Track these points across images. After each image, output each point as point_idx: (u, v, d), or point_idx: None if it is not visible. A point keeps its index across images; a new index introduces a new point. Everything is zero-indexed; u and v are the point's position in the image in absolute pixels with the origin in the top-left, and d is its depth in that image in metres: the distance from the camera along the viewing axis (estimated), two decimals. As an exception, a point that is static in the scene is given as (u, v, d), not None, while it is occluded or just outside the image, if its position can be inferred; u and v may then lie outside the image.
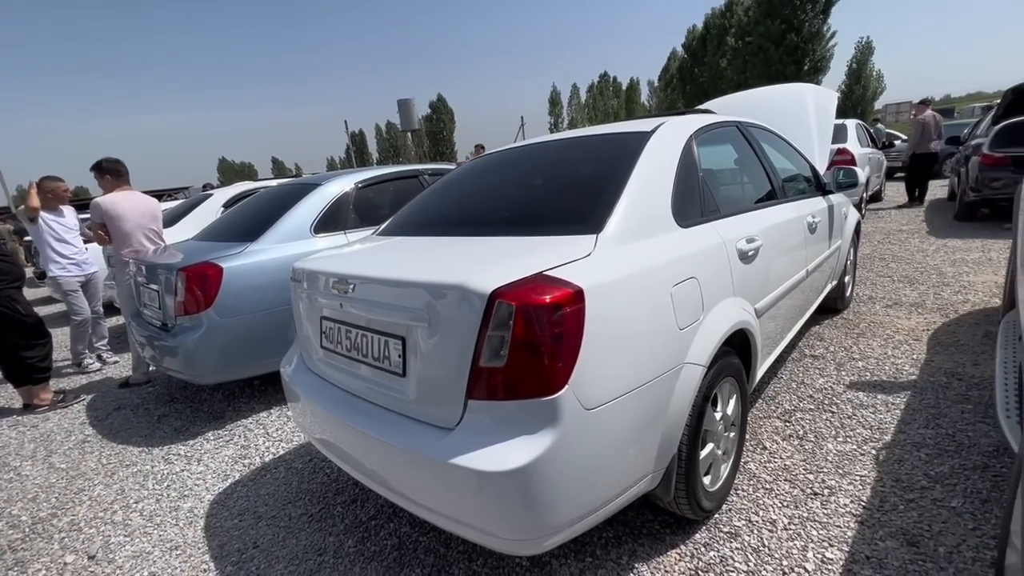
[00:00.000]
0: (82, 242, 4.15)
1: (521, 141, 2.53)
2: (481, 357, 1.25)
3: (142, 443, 2.86)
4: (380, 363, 1.50)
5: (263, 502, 2.19)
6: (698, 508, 1.67)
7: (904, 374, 2.70)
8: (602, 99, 55.58)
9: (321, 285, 1.73)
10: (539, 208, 1.85)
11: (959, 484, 1.83)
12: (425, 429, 1.36)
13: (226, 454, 2.64)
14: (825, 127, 3.72)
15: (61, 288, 4.00)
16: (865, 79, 32.15)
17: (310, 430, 1.86)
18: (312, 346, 1.85)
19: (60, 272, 3.97)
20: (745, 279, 1.86)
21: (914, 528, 1.65)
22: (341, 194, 3.49)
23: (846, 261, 3.53)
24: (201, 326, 2.80)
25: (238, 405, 3.22)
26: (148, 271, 3.14)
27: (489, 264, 1.37)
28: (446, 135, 52.94)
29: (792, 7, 20.10)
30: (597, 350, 1.26)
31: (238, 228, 3.40)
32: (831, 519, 1.72)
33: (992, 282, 4.04)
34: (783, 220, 2.30)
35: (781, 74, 20.74)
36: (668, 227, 1.62)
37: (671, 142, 1.86)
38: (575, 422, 1.22)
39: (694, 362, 1.53)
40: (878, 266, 4.91)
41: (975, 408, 2.30)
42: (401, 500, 1.46)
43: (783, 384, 2.73)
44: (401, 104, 31.40)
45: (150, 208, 3.63)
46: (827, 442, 2.17)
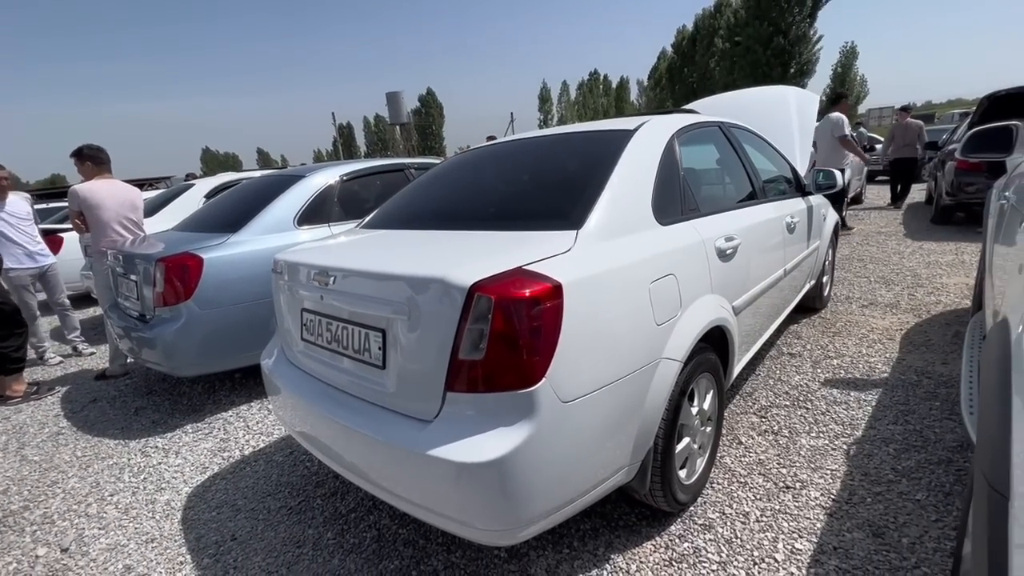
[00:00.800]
0: (37, 232, 3.98)
1: (509, 136, 2.53)
2: (460, 350, 1.26)
3: (118, 436, 2.82)
4: (360, 355, 1.50)
5: (242, 495, 2.18)
6: (673, 501, 1.70)
7: (877, 372, 2.77)
8: (592, 97, 55.73)
9: (302, 277, 1.72)
10: (522, 203, 1.87)
11: (924, 478, 1.89)
12: (404, 421, 1.37)
13: (205, 447, 2.62)
14: (806, 129, 3.79)
15: (11, 282, 3.79)
16: (849, 83, 32.73)
17: (290, 423, 1.86)
18: (292, 339, 1.84)
19: (11, 264, 3.76)
20: (723, 277, 1.90)
21: (880, 520, 1.70)
22: (326, 186, 3.46)
23: (824, 261, 3.61)
24: (180, 317, 2.76)
25: (218, 398, 3.19)
26: (126, 261, 3.08)
27: (470, 258, 1.38)
28: (435, 129, 52.63)
29: (780, 10, 20.34)
30: (575, 344, 1.28)
31: (220, 219, 3.35)
32: (802, 511, 1.77)
33: (964, 284, 4.16)
34: (762, 220, 2.35)
35: (768, 76, 20.98)
36: (648, 224, 1.65)
37: (653, 141, 1.88)
38: (552, 414, 1.24)
39: (671, 357, 1.55)
40: (856, 267, 5.02)
41: (942, 405, 2.37)
42: (380, 492, 1.46)
43: (761, 381, 2.79)
44: (390, 97, 31.11)
45: (130, 197, 3.56)
46: (801, 437, 2.22)
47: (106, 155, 3.59)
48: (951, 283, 4.22)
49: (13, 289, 3.79)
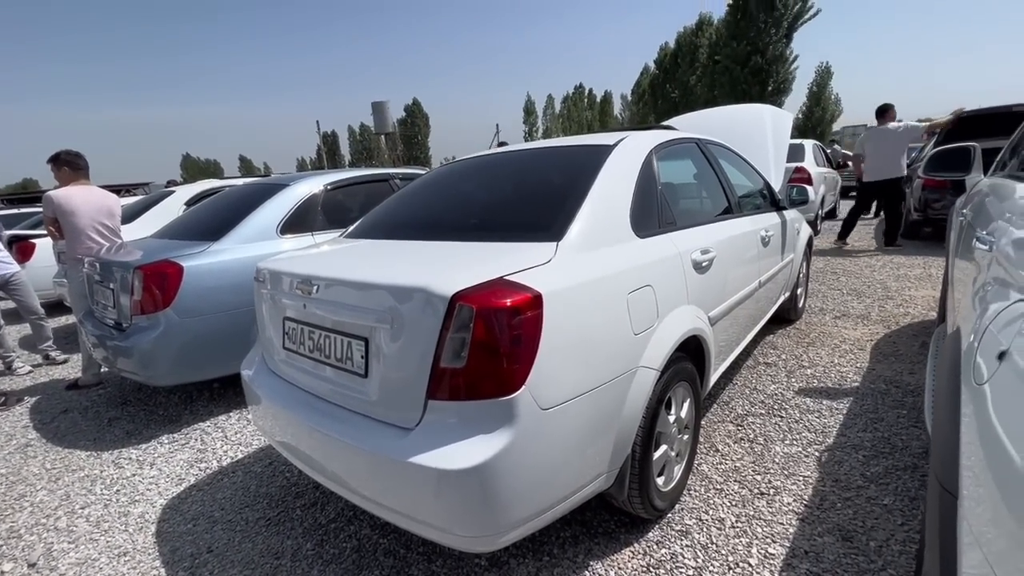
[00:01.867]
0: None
1: (494, 148, 2.58)
2: (442, 358, 1.28)
3: (91, 447, 2.75)
4: (342, 364, 1.51)
5: (219, 506, 2.15)
6: (651, 507, 1.73)
7: (848, 381, 2.86)
8: (576, 110, 56.48)
9: (285, 286, 1.73)
10: (504, 215, 1.91)
11: (891, 483, 1.96)
12: (386, 429, 1.38)
13: (181, 458, 2.57)
14: (781, 146, 3.93)
15: None
16: (824, 102, 33.83)
17: (271, 432, 1.85)
18: (274, 347, 1.84)
19: None
20: (699, 288, 1.96)
21: (849, 524, 1.76)
22: (309, 195, 3.46)
23: (798, 274, 3.72)
24: (158, 326, 2.73)
25: (195, 408, 3.14)
26: (103, 268, 3.03)
27: (452, 268, 1.41)
28: (421, 139, 52.71)
29: (757, 30, 21.01)
30: (554, 353, 1.31)
31: (201, 227, 3.32)
32: (775, 517, 1.82)
33: (930, 296, 4.32)
34: (738, 233, 2.42)
35: (747, 93, 21.59)
36: (626, 237, 1.70)
37: (632, 156, 1.94)
38: (531, 422, 1.27)
39: (648, 366, 1.60)
40: (829, 279, 5.18)
41: (909, 413, 2.46)
42: (361, 501, 1.47)
43: (737, 390, 2.85)
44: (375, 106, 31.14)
45: (107, 204, 3.50)
46: (775, 445, 2.28)
47: (84, 161, 3.54)
48: (919, 295, 4.39)
49: None
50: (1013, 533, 0.62)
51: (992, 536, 0.68)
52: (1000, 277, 1.08)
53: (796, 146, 7.60)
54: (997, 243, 1.23)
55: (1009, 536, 0.63)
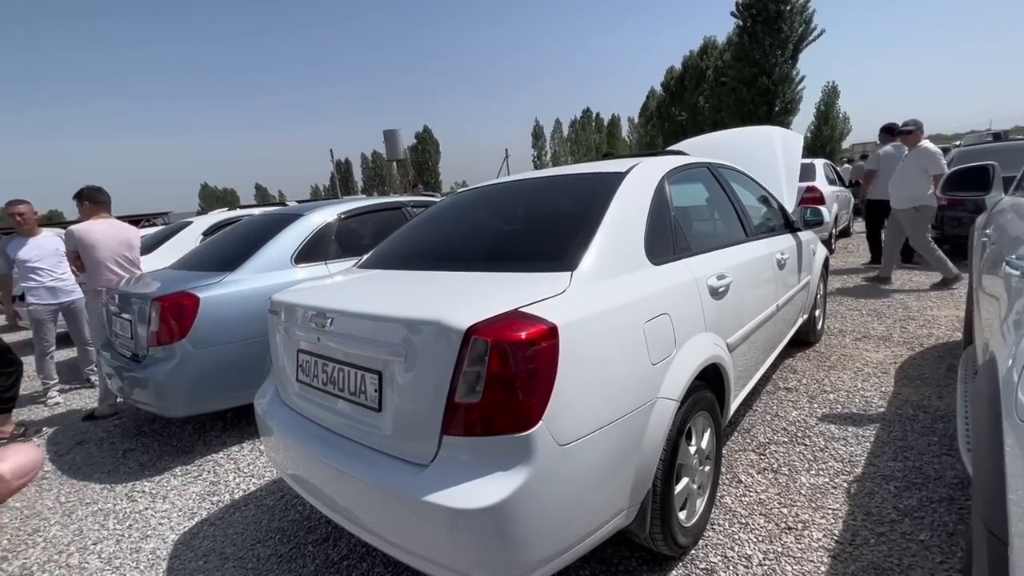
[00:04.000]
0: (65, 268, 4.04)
1: (505, 174, 2.60)
2: (456, 393, 1.26)
3: (104, 479, 2.75)
4: (356, 398, 1.50)
5: (231, 542, 2.11)
6: (674, 544, 1.67)
7: (873, 407, 2.77)
8: (585, 134, 57.24)
9: (299, 318, 1.73)
10: (517, 244, 1.90)
11: (927, 517, 1.86)
12: (399, 465, 1.35)
13: (194, 491, 2.55)
14: (792, 167, 3.91)
15: (30, 315, 3.94)
16: (832, 120, 33.83)
17: (283, 466, 1.82)
18: (288, 379, 1.83)
19: (32, 299, 3.91)
20: (716, 315, 1.92)
21: (884, 562, 1.67)
22: (323, 224, 3.51)
23: (816, 295, 3.65)
24: (174, 357, 2.74)
25: (209, 439, 3.13)
26: (121, 300, 3.08)
27: (466, 300, 1.40)
28: (431, 165, 53.65)
29: (763, 52, 21.23)
30: (571, 386, 1.28)
31: (217, 257, 3.37)
32: (804, 554, 1.74)
33: (954, 316, 4.20)
34: (753, 257, 2.39)
35: (754, 114, 21.69)
36: (641, 264, 1.68)
37: (644, 183, 1.94)
38: (549, 458, 1.23)
39: (667, 397, 1.56)
40: (848, 300, 5.08)
41: (940, 440, 2.36)
42: (373, 539, 1.43)
43: (758, 417, 2.77)
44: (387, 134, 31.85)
45: (127, 236, 3.59)
46: (800, 475, 2.20)
47: (105, 195, 3.64)
48: (942, 315, 4.27)
49: (32, 322, 3.96)
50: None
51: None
52: (1035, 304, 1.04)
53: (807, 165, 7.58)
54: (1029, 268, 1.19)
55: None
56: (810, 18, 20.94)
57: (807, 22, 21.00)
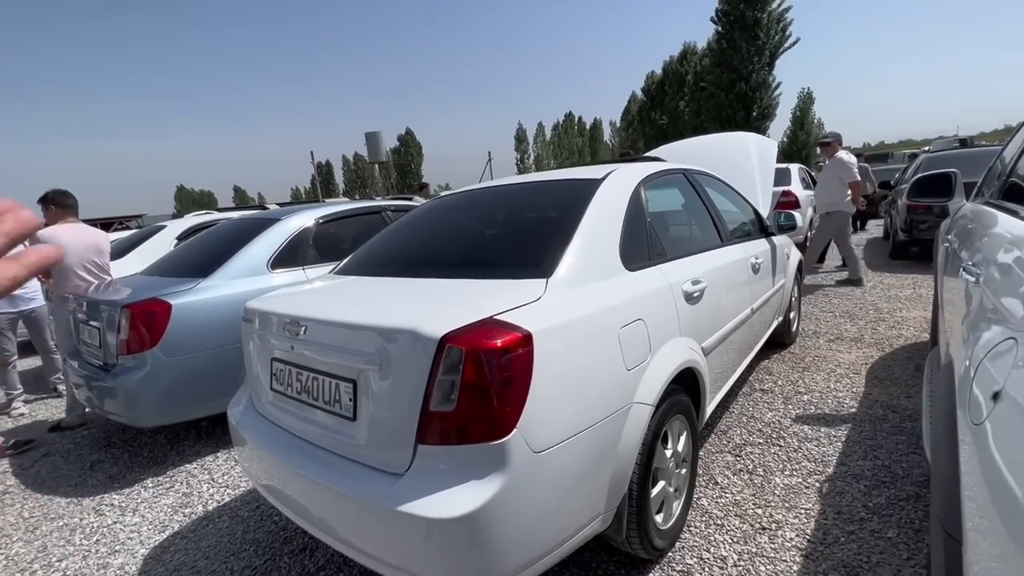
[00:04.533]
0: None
1: (488, 176, 2.60)
2: (431, 401, 1.25)
3: (71, 493, 2.66)
4: (330, 407, 1.48)
5: (203, 555, 2.06)
6: (651, 547, 1.68)
7: (845, 407, 2.84)
8: (567, 137, 57.59)
9: (273, 326, 1.70)
10: (493, 251, 1.90)
11: (895, 515, 1.92)
12: (374, 475, 1.34)
13: (165, 503, 2.48)
14: (767, 173, 3.99)
15: None
16: (808, 126, 34.69)
17: (256, 476, 1.79)
18: (262, 388, 1.80)
19: None
20: (691, 319, 1.95)
21: (854, 560, 1.71)
22: (301, 229, 3.46)
23: (790, 298, 3.73)
24: (145, 365, 2.67)
25: (182, 449, 3.05)
26: (90, 307, 2.99)
27: (441, 308, 1.39)
28: (414, 168, 53.36)
29: (740, 58, 21.67)
30: (546, 393, 1.29)
31: (191, 263, 3.30)
32: (778, 554, 1.77)
33: (922, 318, 4.34)
34: (728, 262, 2.43)
35: (732, 119, 22.10)
36: (616, 271, 1.70)
37: (620, 189, 1.96)
38: (524, 465, 1.23)
39: (643, 401, 1.57)
40: (821, 302, 5.20)
41: (908, 439, 2.43)
42: (349, 549, 1.41)
43: (734, 418, 2.82)
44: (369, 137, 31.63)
45: (95, 241, 3.48)
46: (775, 476, 2.24)
47: (72, 199, 3.53)
48: (911, 317, 4.41)
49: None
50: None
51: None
52: (988, 310, 1.08)
53: (782, 170, 7.75)
54: (984, 275, 1.23)
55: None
56: (787, 26, 21.44)
57: (784, 30, 21.50)
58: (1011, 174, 1.95)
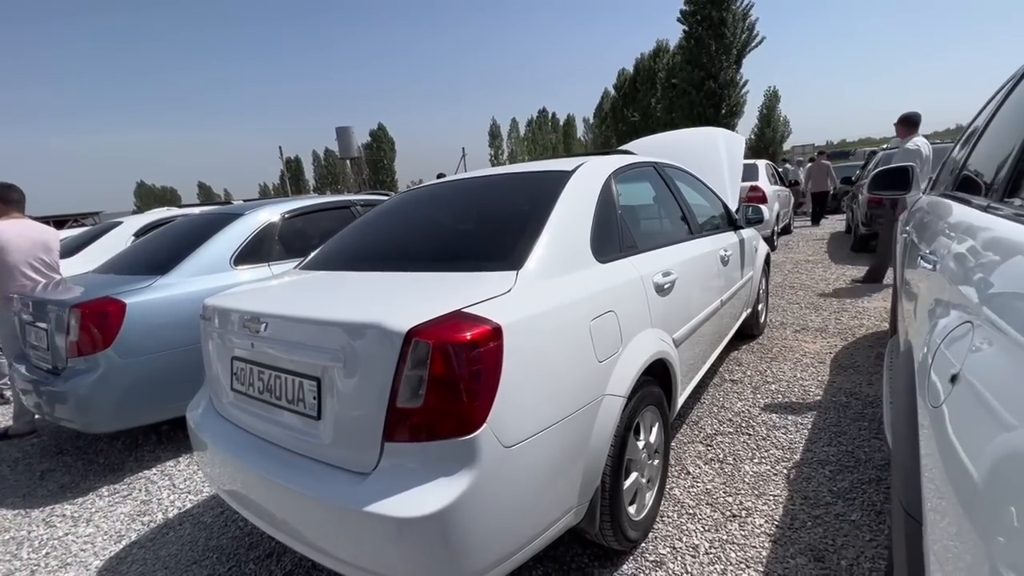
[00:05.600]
0: None
1: (462, 172, 2.56)
2: (398, 397, 1.21)
3: (19, 504, 2.51)
4: (294, 406, 1.42)
5: (163, 564, 1.97)
6: (624, 538, 1.68)
7: (811, 395, 2.92)
8: (541, 133, 57.67)
9: (232, 323, 1.63)
10: (462, 244, 1.87)
11: (858, 498, 1.97)
12: (340, 475, 1.29)
13: (122, 511, 2.37)
14: (735, 167, 4.07)
15: None
16: (774, 123, 35.65)
17: (218, 480, 1.71)
18: (222, 388, 1.72)
19: None
20: (662, 311, 1.96)
21: (820, 543, 1.75)
22: (266, 224, 3.34)
23: (758, 290, 3.82)
24: (97, 368, 2.53)
25: (140, 455, 2.92)
26: (36, 307, 2.82)
27: (407, 302, 1.35)
28: (387, 164, 52.56)
29: (708, 56, 22.09)
30: (516, 387, 1.26)
31: (148, 260, 3.15)
32: (748, 540, 1.80)
33: (882, 308, 4.50)
34: (697, 254, 2.46)
35: (703, 116, 22.53)
36: (587, 263, 1.69)
37: (591, 181, 1.95)
38: (494, 461, 1.21)
39: (614, 393, 1.57)
40: (788, 293, 5.35)
41: (870, 425, 2.51)
42: (316, 553, 1.36)
43: (705, 409, 2.86)
44: (340, 132, 30.99)
45: (43, 238, 3.29)
46: (744, 464, 2.28)
47: (18, 193, 3.33)
48: (871, 307, 4.57)
49: None
50: (976, 559, 0.61)
51: (957, 562, 0.66)
52: (945, 297, 1.11)
53: (750, 166, 7.93)
54: (940, 262, 1.27)
55: (972, 563, 0.62)
56: (752, 25, 21.93)
57: (750, 29, 21.99)
58: (963, 168, 2.03)
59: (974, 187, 1.72)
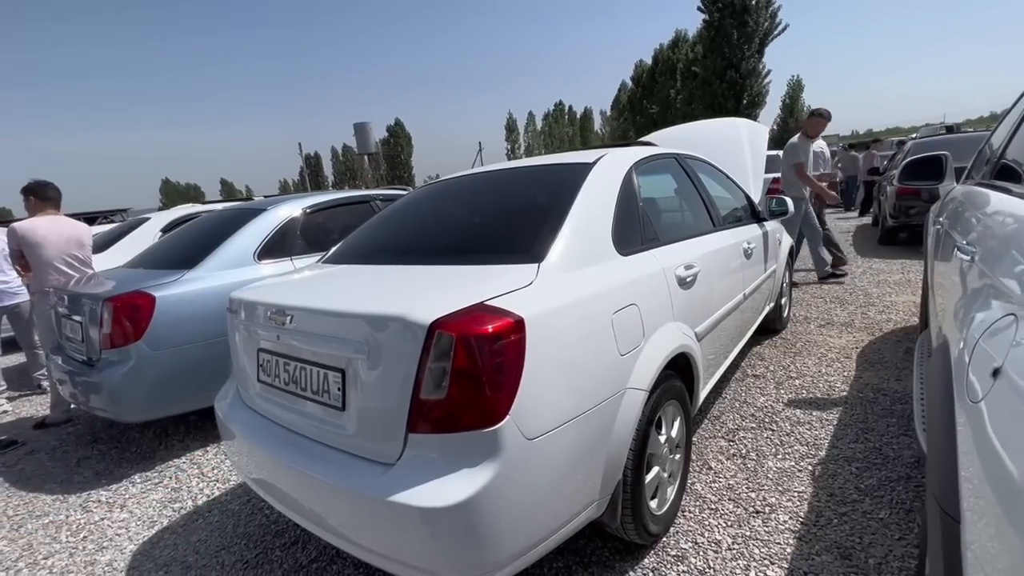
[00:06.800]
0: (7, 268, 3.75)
1: (478, 166, 2.56)
2: (422, 389, 1.22)
3: (57, 490, 2.61)
4: (319, 397, 1.45)
5: (193, 550, 2.03)
6: (645, 532, 1.68)
7: (836, 391, 2.85)
8: (558, 127, 57.31)
9: (258, 316, 1.66)
10: (483, 237, 1.87)
11: (886, 496, 1.93)
12: (364, 465, 1.31)
13: (154, 498, 2.45)
14: (758, 158, 3.98)
15: None
16: (797, 113, 34.77)
17: (245, 469, 1.76)
18: (248, 380, 1.76)
19: None
20: (684, 304, 1.93)
21: (847, 541, 1.72)
22: (288, 219, 3.40)
23: (782, 284, 3.74)
24: (129, 360, 2.62)
25: (171, 443, 3.01)
26: (71, 301, 2.92)
27: (430, 294, 1.36)
28: (403, 159, 52.88)
29: (731, 46, 21.64)
30: (538, 379, 1.26)
31: (175, 255, 3.23)
32: (771, 536, 1.78)
33: (911, 302, 4.37)
34: (720, 247, 2.42)
35: (723, 107, 22.13)
36: (608, 255, 1.67)
37: (612, 173, 1.93)
38: (517, 453, 1.21)
39: (636, 387, 1.56)
40: (812, 287, 5.23)
41: (898, 422, 2.45)
42: (341, 542, 1.39)
43: (727, 404, 2.83)
44: (358, 128, 31.24)
45: (76, 234, 3.40)
46: (768, 460, 2.25)
47: (53, 191, 3.44)
48: (900, 301, 4.44)
49: None
50: (1016, 560, 0.59)
51: (996, 563, 0.64)
52: (984, 288, 1.07)
53: (773, 157, 7.75)
54: (979, 253, 1.22)
55: (1013, 563, 0.60)
56: (775, 13, 21.40)
57: (773, 16, 21.46)
58: (1002, 156, 1.95)
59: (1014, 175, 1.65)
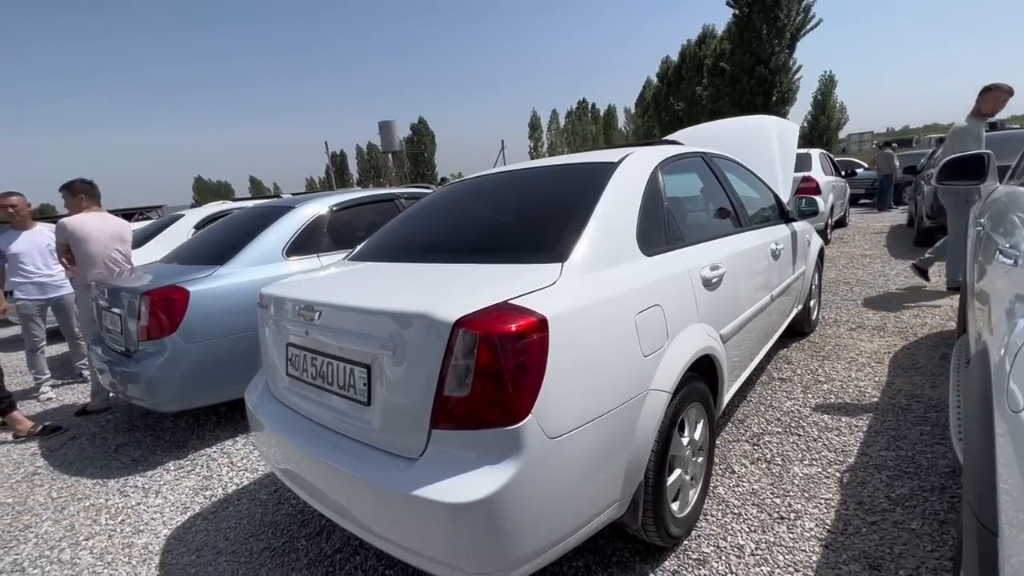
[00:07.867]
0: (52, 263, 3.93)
1: (501, 165, 2.57)
2: (445, 386, 1.24)
3: (97, 475, 2.73)
4: (345, 391, 1.48)
5: (223, 536, 2.11)
6: (666, 535, 1.66)
7: (867, 396, 2.77)
8: (581, 124, 56.93)
9: (287, 311, 1.71)
10: (508, 235, 1.88)
11: (918, 506, 1.87)
12: (388, 459, 1.34)
13: (187, 485, 2.54)
14: (787, 157, 3.88)
15: (19, 311, 3.87)
16: (829, 110, 33.77)
17: (273, 460, 1.81)
18: (277, 373, 1.81)
19: (20, 294, 3.84)
20: (710, 305, 1.91)
21: (876, 551, 1.67)
22: (315, 217, 3.47)
23: (811, 286, 3.65)
24: (165, 351, 2.72)
25: (202, 433, 3.11)
26: (111, 294, 3.05)
27: (455, 292, 1.38)
28: (427, 157, 53.34)
29: (760, 41, 21.10)
30: (561, 378, 1.27)
31: (208, 251, 3.34)
32: (797, 544, 1.74)
33: (948, 306, 4.21)
34: (747, 247, 2.37)
35: (752, 104, 21.59)
36: (633, 255, 1.66)
37: (637, 173, 1.91)
38: (539, 451, 1.22)
39: (659, 388, 1.55)
40: (843, 290, 5.08)
41: (933, 430, 2.37)
42: (364, 533, 1.42)
43: (752, 407, 2.77)
44: (382, 126, 31.63)
45: (119, 230, 3.55)
46: (794, 465, 2.20)
47: (97, 189, 3.60)
48: (936, 305, 4.28)
49: (21, 318, 3.91)
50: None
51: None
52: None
53: (803, 155, 7.56)
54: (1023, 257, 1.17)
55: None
56: (808, 7, 20.78)
57: (805, 11, 20.84)
58: None
59: (1063, 176, 1.57)
